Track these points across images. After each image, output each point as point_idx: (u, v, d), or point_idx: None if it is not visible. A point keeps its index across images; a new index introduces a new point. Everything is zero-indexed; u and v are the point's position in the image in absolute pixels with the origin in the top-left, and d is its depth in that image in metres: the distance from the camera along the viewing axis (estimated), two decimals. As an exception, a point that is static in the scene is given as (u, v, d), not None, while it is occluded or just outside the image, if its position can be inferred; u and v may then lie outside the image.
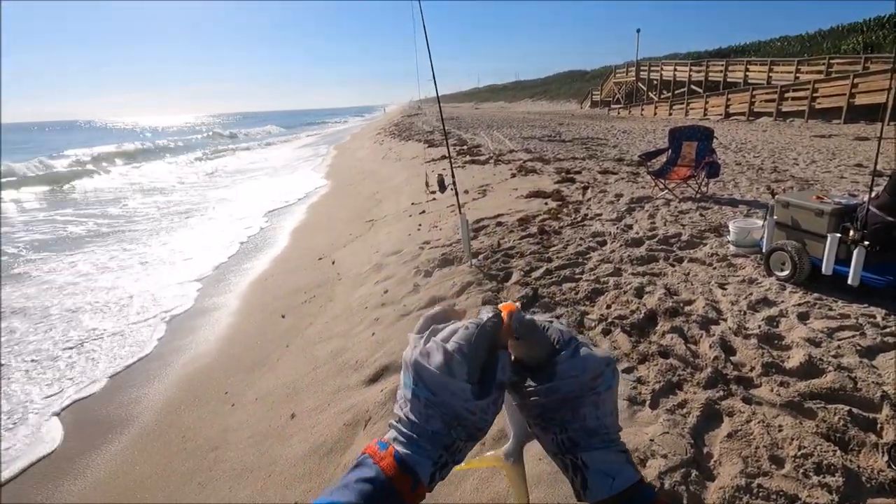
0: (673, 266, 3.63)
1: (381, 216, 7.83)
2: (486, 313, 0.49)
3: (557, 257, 4.00)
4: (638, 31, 30.28)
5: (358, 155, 19.47)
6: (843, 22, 26.13)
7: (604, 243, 4.28)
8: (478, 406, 0.44)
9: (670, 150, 5.73)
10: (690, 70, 26.11)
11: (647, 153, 6.01)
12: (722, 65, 23.71)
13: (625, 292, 3.19)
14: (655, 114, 25.21)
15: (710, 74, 24.52)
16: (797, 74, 18.73)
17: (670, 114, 24.25)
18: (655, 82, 29.31)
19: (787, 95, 17.53)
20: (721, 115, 20.16)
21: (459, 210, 3.99)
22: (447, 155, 12.47)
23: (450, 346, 0.45)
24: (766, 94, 18.55)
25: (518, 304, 0.50)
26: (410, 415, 0.46)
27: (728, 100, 20.14)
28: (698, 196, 5.41)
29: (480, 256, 4.25)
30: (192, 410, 3.32)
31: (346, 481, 0.44)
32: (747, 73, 21.75)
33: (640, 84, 31.01)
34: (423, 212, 7.02)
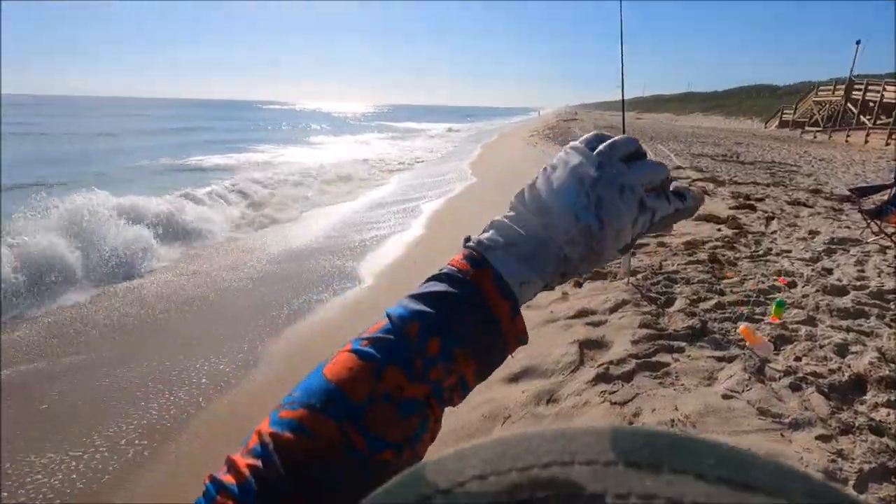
0: (891, 328, 2.99)
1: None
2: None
3: (732, 291, 3.56)
4: (858, 42, 25.55)
5: (506, 155, 19.65)
6: None
7: (793, 285, 3.70)
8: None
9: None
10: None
11: (860, 188, 5.04)
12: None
13: (821, 347, 2.72)
14: (867, 142, 21.10)
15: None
16: None
17: (888, 143, 20.08)
18: (872, 104, 24.48)
19: None
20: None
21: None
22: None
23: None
24: None
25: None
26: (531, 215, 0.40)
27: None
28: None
29: (639, 276, 3.98)
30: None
31: (422, 291, 0.39)
32: None
33: (849, 105, 26.19)
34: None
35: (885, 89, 23.81)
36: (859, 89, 25.82)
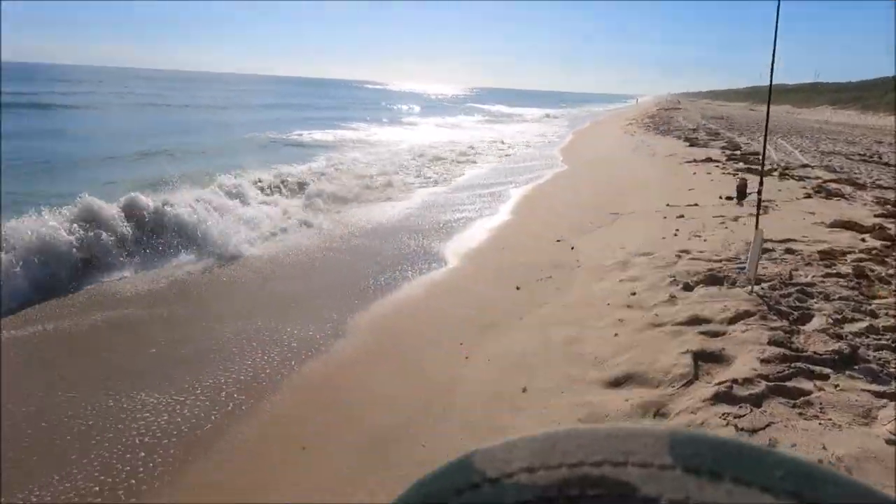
0: None
1: (626, 211, 7.27)
2: None
3: (887, 314, 2.99)
4: None
5: (604, 143, 18.63)
6: None
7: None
8: None
9: None
10: None
11: None
12: None
13: None
14: None
15: None
16: None
17: None
18: None
19: None
20: None
21: (757, 224, 3.29)
22: (735, 159, 10.82)
23: None
24: None
25: None
26: None
27: None
28: None
29: (764, 285, 3.49)
30: (429, 348, 3.59)
31: None
32: None
33: None
34: (682, 216, 6.22)
35: None
36: None
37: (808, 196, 6.73)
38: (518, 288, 4.73)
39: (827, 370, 2.37)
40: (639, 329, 3.31)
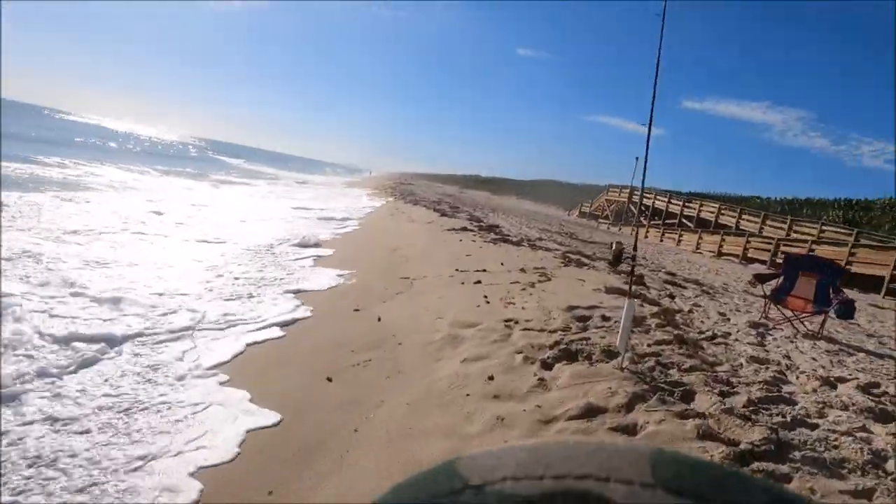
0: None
1: (418, 275, 6.77)
2: None
3: (743, 384, 3.03)
4: (637, 159, 32.12)
5: (359, 206, 18.60)
6: (824, 196, 28.69)
7: (782, 374, 3.35)
8: None
9: (783, 278, 5.11)
10: (683, 205, 27.47)
11: (759, 274, 5.39)
12: (715, 206, 25.01)
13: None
14: (646, 236, 25.92)
15: (703, 213, 25.78)
16: (790, 231, 19.72)
17: (661, 240, 24.97)
18: (645, 208, 30.63)
19: (782, 247, 18.21)
20: (714, 252, 20.73)
21: (630, 292, 3.03)
22: (484, 230, 11.67)
23: None
24: (762, 242, 19.29)
25: None
26: None
27: (723, 240, 20.85)
28: (820, 335, 4.70)
29: (620, 358, 3.24)
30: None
31: None
32: (739, 220, 22.88)
33: (630, 206, 32.36)
34: (479, 282, 6.02)
35: (655, 199, 30.09)
36: (637, 195, 32.23)
37: (565, 264, 7.56)
38: (330, 379, 3.45)
39: (783, 468, 2.02)
40: (531, 430, 2.53)
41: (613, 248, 5.31)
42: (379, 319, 4.79)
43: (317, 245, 8.79)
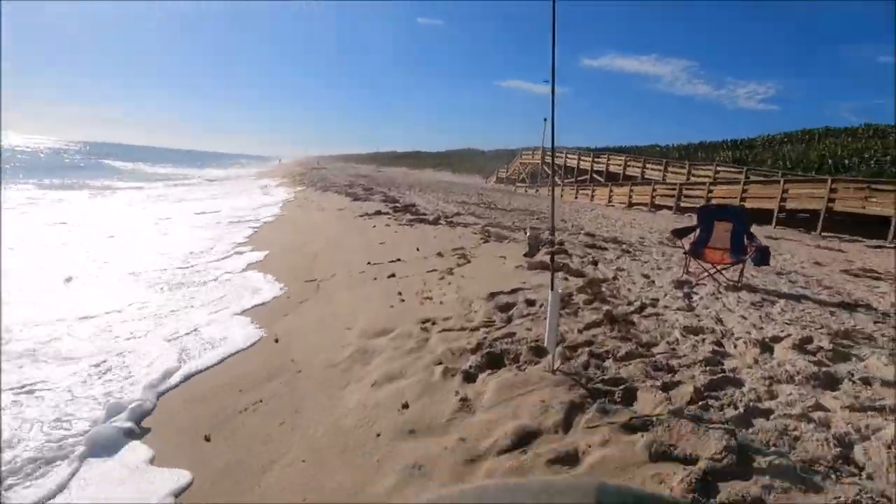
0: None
1: (326, 275, 6.04)
2: None
3: (683, 366, 2.71)
4: (545, 119, 32.65)
5: (265, 201, 17.13)
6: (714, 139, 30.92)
7: (719, 345, 3.10)
8: None
9: (700, 230, 5.01)
10: (593, 161, 28.37)
11: (677, 229, 5.25)
12: (622, 159, 26.04)
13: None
14: (561, 196, 26.55)
15: (611, 166, 26.77)
16: (689, 176, 20.93)
17: (576, 197, 25.68)
18: (558, 167, 31.35)
19: (685, 192, 19.28)
20: (625, 203, 21.60)
21: (552, 283, 2.57)
22: (399, 211, 10.99)
23: None
24: (666, 189, 20.32)
25: None
26: None
27: (632, 191, 21.75)
28: (740, 285, 4.64)
29: (551, 357, 2.81)
30: None
31: None
32: (644, 170, 23.98)
33: (544, 167, 33.01)
34: (393, 275, 5.43)
35: (566, 157, 30.85)
36: (549, 155, 32.90)
37: (485, 241, 7.15)
38: (207, 438, 2.75)
39: (753, 487, 1.66)
40: (455, 475, 2.01)
41: (528, 234, 4.92)
42: (276, 341, 4.07)
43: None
